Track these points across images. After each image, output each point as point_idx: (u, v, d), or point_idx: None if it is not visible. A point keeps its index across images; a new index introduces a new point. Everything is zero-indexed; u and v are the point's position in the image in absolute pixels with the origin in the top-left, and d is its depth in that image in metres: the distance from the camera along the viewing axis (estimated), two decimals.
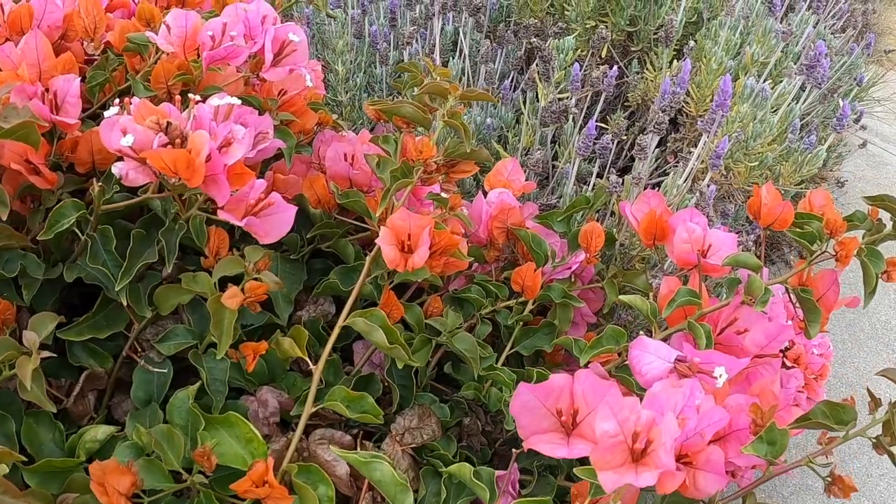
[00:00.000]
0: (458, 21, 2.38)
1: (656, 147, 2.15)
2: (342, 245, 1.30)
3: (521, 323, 1.34)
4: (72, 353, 1.13)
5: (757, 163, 1.92)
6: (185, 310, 1.16)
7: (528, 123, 1.92)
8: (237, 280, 1.06)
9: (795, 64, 2.09)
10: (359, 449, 1.08)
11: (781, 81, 2.17)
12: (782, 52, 2.47)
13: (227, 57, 1.14)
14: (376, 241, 1.04)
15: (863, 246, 1.22)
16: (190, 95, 1.02)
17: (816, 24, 3.08)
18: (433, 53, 2.14)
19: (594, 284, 1.47)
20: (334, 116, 1.50)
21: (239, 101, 1.03)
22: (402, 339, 1.05)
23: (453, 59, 2.22)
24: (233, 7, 1.20)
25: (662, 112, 1.57)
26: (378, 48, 2.22)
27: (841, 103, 2.62)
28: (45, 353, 0.99)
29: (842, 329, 3.86)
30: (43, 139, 1.08)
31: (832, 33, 3.12)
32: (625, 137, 2.10)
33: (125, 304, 1.09)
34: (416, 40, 2.22)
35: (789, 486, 2.51)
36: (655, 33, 2.43)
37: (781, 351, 1.46)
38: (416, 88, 1.29)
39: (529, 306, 1.34)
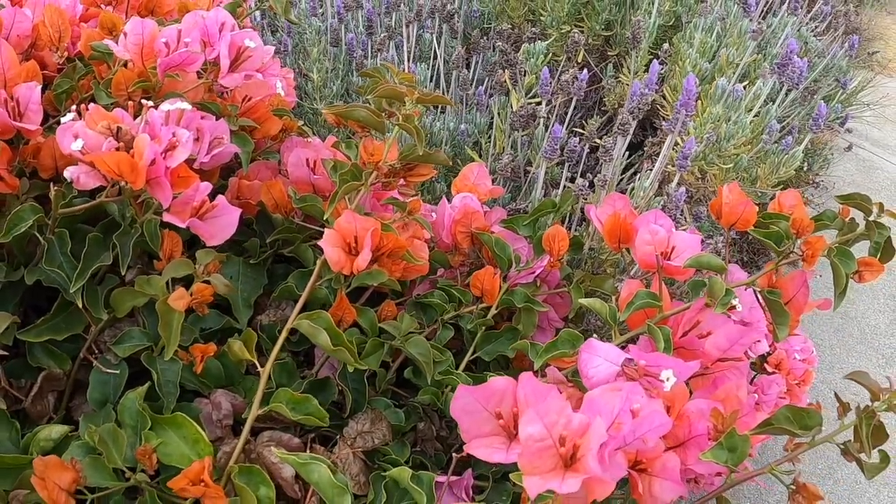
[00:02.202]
0: (433, 29, 2.40)
1: (636, 152, 2.17)
2: (302, 250, 1.32)
3: (484, 328, 1.35)
4: (31, 355, 1.15)
5: (731, 165, 1.93)
6: (141, 312, 1.17)
7: (499, 128, 1.93)
8: (191, 283, 1.07)
9: (774, 63, 2.09)
10: (308, 452, 1.08)
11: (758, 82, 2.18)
12: (760, 54, 2.48)
13: (183, 64, 1.16)
14: (319, 242, 1.04)
15: (832, 246, 1.23)
16: (143, 101, 1.03)
17: (799, 27, 3.09)
18: (409, 60, 2.15)
19: (561, 289, 1.48)
20: (300, 122, 1.51)
21: (189, 106, 1.04)
22: (347, 341, 1.06)
23: (424, 65, 2.24)
24: (192, 15, 1.22)
25: (631, 114, 1.58)
26: (354, 56, 2.23)
27: (823, 106, 2.64)
28: (1, 353, 1.00)
29: (830, 334, 3.87)
30: (6, 145, 1.09)
31: (814, 35, 3.13)
32: (599, 141, 2.11)
33: (81, 305, 1.11)
34: (391, 48, 2.24)
35: (775, 494, 2.52)
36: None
37: (763, 357, 1.48)
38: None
39: (492, 311, 1.35)
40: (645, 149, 2.24)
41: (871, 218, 1.26)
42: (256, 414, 1.03)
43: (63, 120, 1.03)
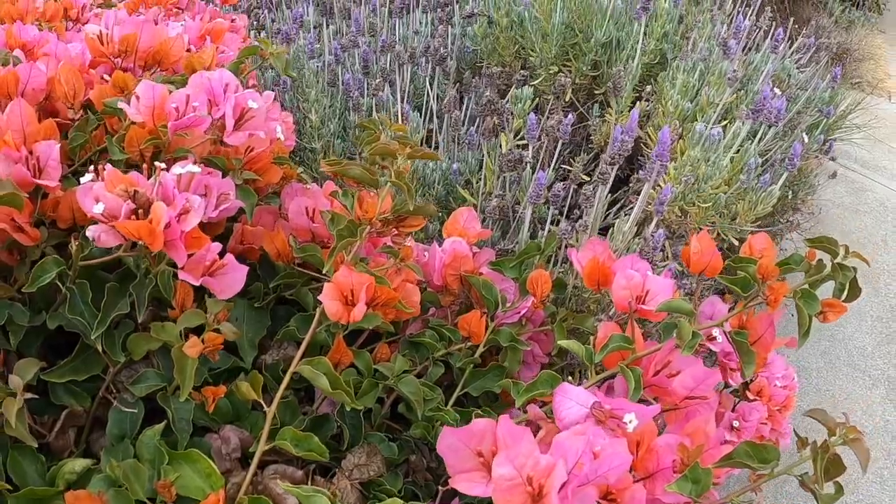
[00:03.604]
0: (426, 70, 2.51)
1: (620, 188, 2.28)
2: (303, 294, 1.43)
3: (472, 365, 1.46)
4: (54, 394, 1.25)
5: (710, 204, 2.04)
6: (155, 355, 1.28)
7: (489, 168, 2.05)
8: (201, 329, 1.18)
9: (749, 107, 2.20)
10: (310, 483, 1.19)
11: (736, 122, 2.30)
12: (742, 90, 2.60)
13: (191, 125, 1.27)
14: (319, 297, 1.16)
15: (797, 289, 1.33)
16: (157, 164, 1.14)
17: (783, 58, 3.21)
18: (402, 101, 2.27)
19: (545, 327, 1.59)
20: (299, 169, 1.62)
21: (199, 170, 1.15)
22: (344, 384, 1.17)
23: (417, 112, 2.35)
24: (198, 77, 1.33)
25: (611, 163, 1.69)
26: (351, 96, 2.35)
27: (805, 138, 2.76)
28: (28, 395, 1.12)
29: (817, 357, 3.97)
30: (27, 199, 1.20)
31: (797, 67, 3.24)
32: (585, 178, 2.22)
33: (101, 350, 1.22)
34: (385, 88, 2.35)
35: None
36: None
37: (745, 384, 1.58)
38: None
39: (480, 350, 1.46)
40: (630, 184, 2.36)
41: (837, 260, 1.36)
42: (264, 450, 1.13)
43: (82, 180, 1.14)
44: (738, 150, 2.21)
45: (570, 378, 1.63)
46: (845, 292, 1.39)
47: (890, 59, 9.27)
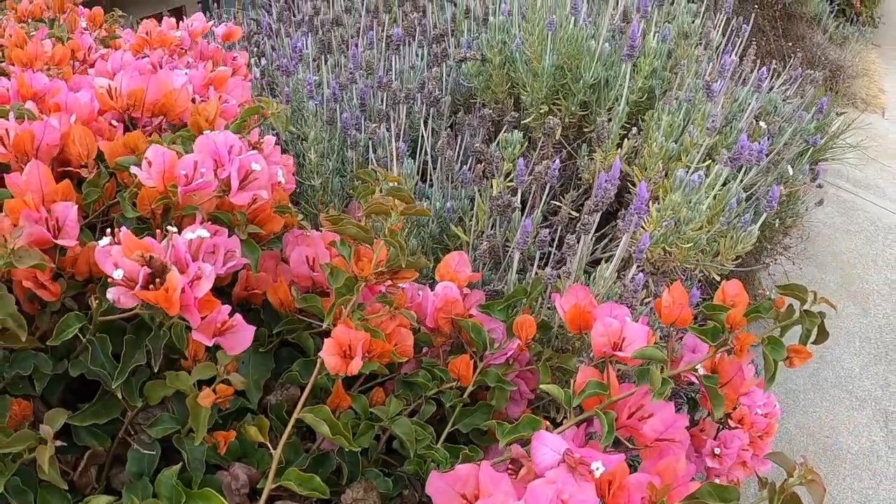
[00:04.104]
0: (421, 109, 2.64)
1: (611, 222, 2.40)
2: (304, 338, 1.55)
3: (461, 404, 1.58)
4: (77, 435, 1.37)
5: (691, 244, 2.16)
6: (169, 400, 1.40)
7: (481, 208, 2.17)
8: (212, 377, 1.30)
9: (728, 152, 2.32)
10: None
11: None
12: (728, 126, 2.72)
13: (199, 189, 1.39)
14: (321, 353, 1.28)
15: (764, 337, 1.46)
16: (169, 228, 1.26)
17: (771, 89, 3.33)
18: (397, 139, 2.39)
19: (531, 366, 1.71)
20: (300, 217, 1.74)
21: (208, 235, 1.28)
22: (343, 429, 1.29)
23: (415, 145, 2.47)
24: (204, 139, 1.45)
25: (594, 210, 1.81)
26: (349, 134, 2.48)
27: (790, 170, 2.88)
28: (59, 443, 1.24)
29: (805, 379, 4.09)
30: (49, 257, 1.32)
31: (784, 99, 3.36)
32: (574, 213, 2.34)
33: (120, 396, 1.34)
34: (381, 126, 2.47)
35: None
36: (607, 114, 2.68)
37: (727, 413, 1.70)
38: (370, 196, 1.55)
39: (468, 390, 1.58)
40: (618, 222, 2.48)
41: (805, 307, 1.48)
42: (271, 488, 1.26)
43: (100, 243, 1.26)
44: (720, 191, 2.33)
45: (554, 413, 1.75)
46: (812, 337, 1.51)
47: (884, 75, 9.38)
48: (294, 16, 4.27)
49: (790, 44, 7.78)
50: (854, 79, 8.55)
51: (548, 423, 1.46)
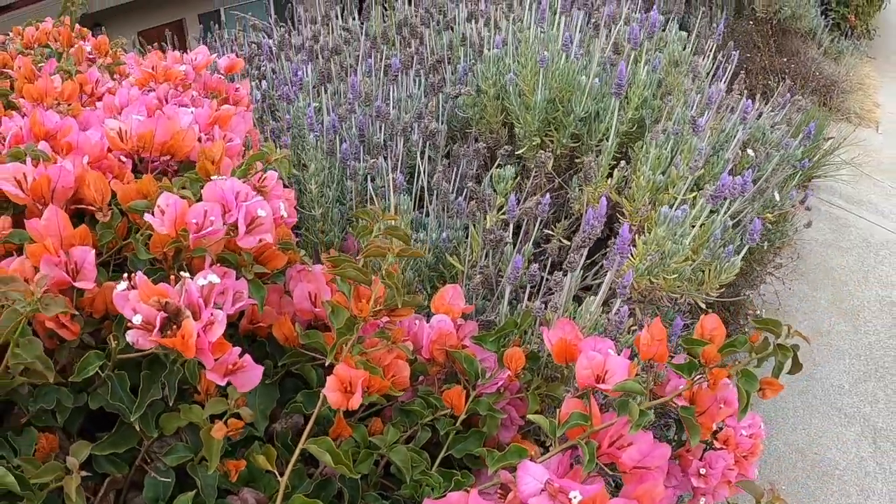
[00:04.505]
0: (418, 139, 2.75)
1: (601, 249, 2.51)
2: (307, 370, 1.67)
3: (455, 431, 1.70)
4: (97, 463, 1.48)
5: (676, 275, 2.28)
6: (183, 430, 1.51)
7: (475, 239, 2.28)
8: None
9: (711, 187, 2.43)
10: None
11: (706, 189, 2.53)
12: (715, 156, 2.83)
13: (209, 235, 1.50)
14: (324, 391, 1.40)
15: (738, 370, 1.57)
16: (182, 274, 1.38)
17: (759, 115, 3.44)
18: (395, 171, 2.51)
19: (521, 394, 1.82)
20: (301, 253, 1.85)
21: (218, 280, 1.39)
22: (345, 459, 1.41)
23: (412, 174, 2.58)
24: (212, 185, 1.56)
25: (581, 246, 1.93)
26: (348, 165, 2.59)
27: (777, 197, 2.99)
28: (84, 473, 1.35)
29: (794, 396, 4.20)
30: (68, 299, 1.43)
31: (772, 125, 3.47)
32: (565, 241, 2.46)
33: (138, 428, 1.46)
34: (379, 157, 2.59)
35: None
36: (597, 146, 2.80)
37: (713, 433, 1.81)
38: (368, 236, 1.67)
39: (461, 418, 1.70)
40: (608, 251, 2.59)
41: (779, 341, 1.59)
42: None
43: (118, 288, 1.37)
44: (706, 221, 2.44)
45: (544, 437, 1.86)
46: (785, 369, 1.62)
47: (879, 88, 9.48)
48: (294, 38, 4.38)
49: (785, 59, 7.89)
50: (848, 93, 8.66)
51: (536, 447, 1.58)
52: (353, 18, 4.51)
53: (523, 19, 3.18)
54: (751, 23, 8.32)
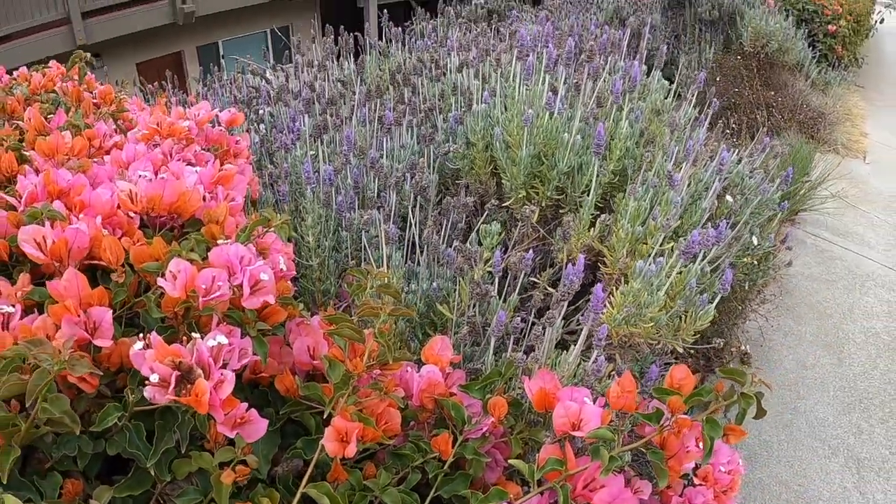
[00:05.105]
0: (411, 189, 2.92)
1: (587, 292, 2.66)
2: (306, 418, 1.83)
3: (443, 474, 1.85)
4: None
5: (652, 323, 2.43)
6: (194, 475, 1.67)
7: (463, 289, 2.44)
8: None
9: (696, 227, 2.60)
10: None
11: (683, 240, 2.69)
12: (693, 204, 2.99)
13: (217, 299, 1.66)
14: (322, 441, 1.55)
15: (703, 417, 1.73)
16: (194, 335, 1.54)
17: (739, 161, 3.61)
18: (387, 221, 2.67)
19: (504, 438, 1.98)
20: (300, 307, 2.01)
21: (227, 341, 1.55)
22: (341, 501, 1.56)
23: (404, 221, 2.74)
24: (218, 251, 1.72)
25: (560, 300, 2.09)
26: (343, 216, 2.75)
27: (755, 241, 3.15)
28: None
29: (778, 430, 4.33)
30: (88, 355, 1.59)
31: (751, 171, 3.63)
32: (551, 290, 2.61)
33: (152, 473, 1.61)
34: (372, 208, 2.75)
35: None
36: (580, 197, 2.96)
37: (693, 470, 1.94)
38: (362, 294, 1.83)
39: (450, 461, 1.85)
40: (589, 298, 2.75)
41: (743, 390, 1.75)
42: None
43: (135, 347, 1.53)
44: (683, 269, 2.60)
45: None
46: (748, 416, 1.78)
47: (866, 118, 9.65)
48: (291, 81, 4.54)
49: (772, 92, 8.08)
50: (836, 125, 8.84)
51: (519, 488, 1.75)
52: (349, 63, 4.67)
53: (510, 75, 3.34)
54: (738, 57, 8.51)
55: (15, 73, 3.56)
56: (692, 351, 3.06)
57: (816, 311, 5.41)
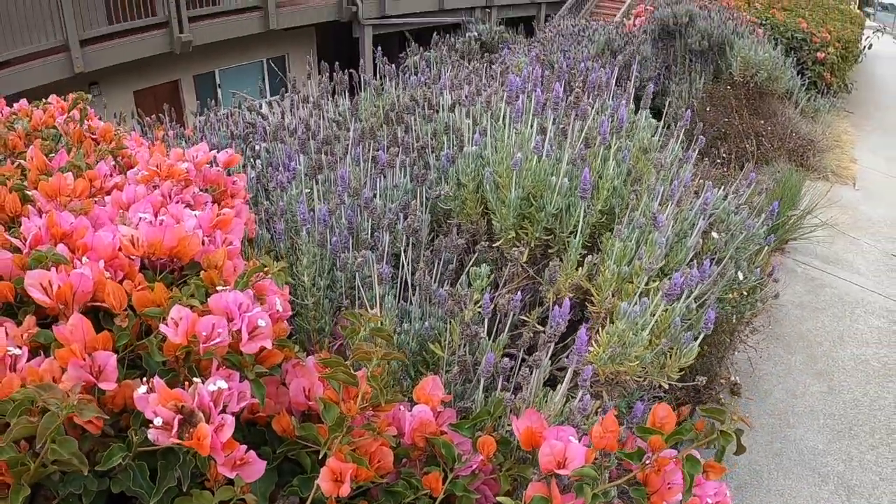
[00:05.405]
0: (403, 226, 3.01)
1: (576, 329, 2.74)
2: (302, 456, 1.90)
3: None
4: None
5: (637, 361, 2.52)
6: None
7: (454, 329, 2.53)
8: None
9: (682, 265, 2.69)
10: None
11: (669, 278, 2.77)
12: (679, 242, 3.08)
13: (216, 346, 1.74)
14: (318, 481, 1.63)
15: (683, 455, 1.81)
16: (195, 380, 1.62)
17: (725, 197, 3.70)
18: (381, 261, 2.75)
19: (494, 475, 2.06)
20: (296, 349, 2.09)
21: (227, 385, 1.63)
22: None
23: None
24: (217, 298, 1.80)
25: (547, 342, 2.17)
26: (338, 257, 2.84)
27: (740, 276, 3.23)
28: None
29: (768, 459, 4.40)
30: (93, 396, 1.67)
31: (735, 209, 3.72)
32: (539, 327, 2.70)
33: None
34: (366, 249, 2.84)
35: None
36: (568, 237, 3.05)
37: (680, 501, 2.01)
38: (355, 337, 1.91)
39: (440, 497, 1.93)
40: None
41: (722, 427, 1.83)
42: None
43: (138, 391, 1.61)
44: (667, 309, 2.69)
45: None
46: (727, 453, 1.86)
47: (856, 143, 9.76)
48: (287, 117, 4.63)
49: (762, 121, 8.19)
50: (825, 151, 8.95)
51: None
52: (344, 100, 4.76)
53: (500, 115, 3.43)
54: (728, 87, 8.63)
55: (15, 106, 3.65)
56: (679, 385, 3.14)
57: (806, 339, 5.48)
